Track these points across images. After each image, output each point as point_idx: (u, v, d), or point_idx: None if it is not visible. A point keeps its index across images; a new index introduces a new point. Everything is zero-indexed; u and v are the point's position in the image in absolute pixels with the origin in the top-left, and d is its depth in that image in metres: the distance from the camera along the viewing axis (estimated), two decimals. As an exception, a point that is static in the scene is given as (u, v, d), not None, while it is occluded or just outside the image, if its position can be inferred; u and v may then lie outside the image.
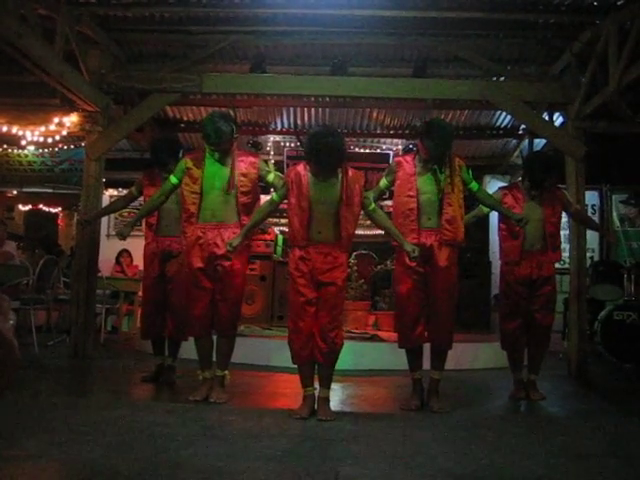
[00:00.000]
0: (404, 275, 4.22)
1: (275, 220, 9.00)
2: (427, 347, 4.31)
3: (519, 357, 4.87)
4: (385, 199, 8.88)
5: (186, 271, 4.28)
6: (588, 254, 7.66)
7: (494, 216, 5.15)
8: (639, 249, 9.34)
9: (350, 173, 3.92)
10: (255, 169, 4.30)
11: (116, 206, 5.66)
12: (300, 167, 3.96)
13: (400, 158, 4.51)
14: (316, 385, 3.88)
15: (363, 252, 8.45)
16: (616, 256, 9.13)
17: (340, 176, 3.89)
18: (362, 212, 4.07)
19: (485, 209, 4.79)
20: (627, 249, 9.35)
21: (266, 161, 4.67)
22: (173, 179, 4.34)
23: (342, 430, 3.53)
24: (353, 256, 8.05)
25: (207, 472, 2.60)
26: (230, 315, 4.25)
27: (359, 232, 8.89)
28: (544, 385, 5.04)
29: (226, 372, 4.25)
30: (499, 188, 5.14)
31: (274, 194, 4.07)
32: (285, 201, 4.03)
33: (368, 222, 9.22)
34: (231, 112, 5.33)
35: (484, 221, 6.68)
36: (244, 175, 4.25)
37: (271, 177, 4.32)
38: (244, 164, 4.28)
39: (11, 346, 4.41)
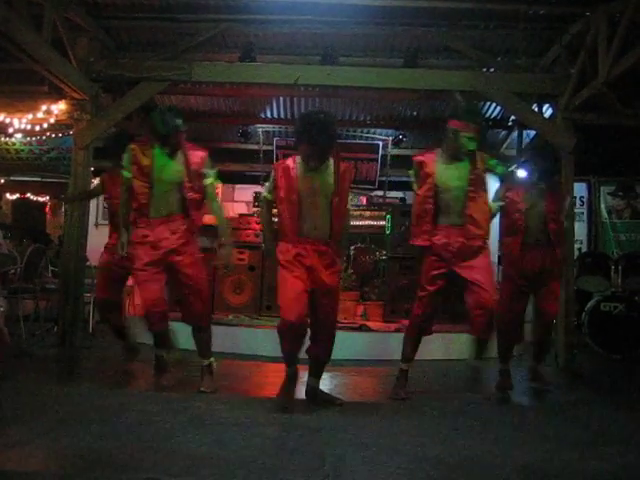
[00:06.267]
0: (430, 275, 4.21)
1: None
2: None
3: (511, 348, 4.87)
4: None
5: (134, 266, 4.17)
6: (576, 245, 7.70)
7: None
8: (626, 241, 9.40)
9: (342, 167, 3.84)
10: (202, 164, 4.19)
11: (97, 191, 5.69)
12: (289, 161, 3.86)
13: (421, 157, 4.36)
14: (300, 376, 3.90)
15: (362, 246, 8.39)
16: (604, 248, 9.19)
17: (332, 166, 3.82)
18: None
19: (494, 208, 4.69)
20: (614, 241, 9.40)
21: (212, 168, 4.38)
22: (126, 174, 4.19)
23: (330, 418, 3.54)
24: (352, 249, 8.04)
25: (195, 460, 2.60)
26: (201, 306, 4.19)
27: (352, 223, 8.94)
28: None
29: (212, 359, 4.25)
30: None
31: (266, 193, 3.95)
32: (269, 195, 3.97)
33: (356, 213, 9.26)
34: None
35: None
36: (193, 171, 4.15)
37: (208, 181, 4.19)
38: (194, 159, 4.17)
39: (0, 333, 4.41)
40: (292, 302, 3.66)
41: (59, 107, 7.53)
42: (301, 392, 4.03)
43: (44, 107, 7.60)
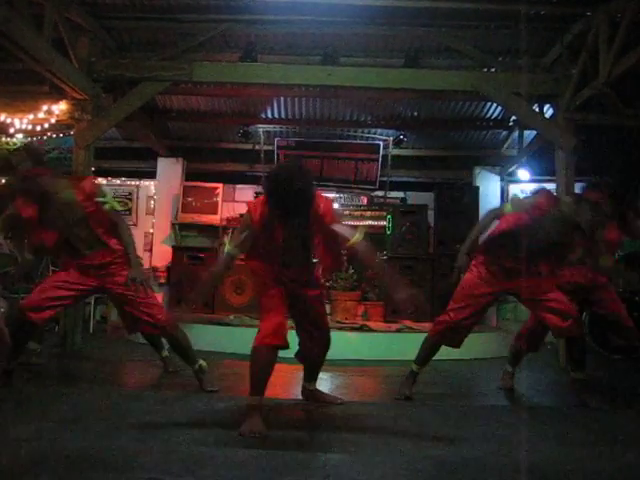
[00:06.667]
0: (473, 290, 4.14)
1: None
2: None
3: (523, 355, 4.81)
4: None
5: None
6: (577, 246, 7.67)
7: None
8: (627, 241, 9.35)
9: (320, 208, 3.32)
10: (93, 192, 4.02)
11: None
12: (264, 203, 3.31)
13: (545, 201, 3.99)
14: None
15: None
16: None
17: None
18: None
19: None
20: (616, 241, 9.37)
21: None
22: None
23: (330, 418, 3.54)
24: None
25: (194, 459, 2.60)
26: (159, 316, 4.11)
27: (352, 223, 8.95)
28: (534, 376, 5.08)
29: (200, 361, 4.23)
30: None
31: (232, 247, 3.39)
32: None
33: (356, 213, 9.22)
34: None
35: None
36: (84, 201, 3.97)
37: (107, 206, 4.01)
38: (82, 190, 4.00)
39: (1, 334, 4.40)
40: (272, 311, 3.37)
41: (60, 107, 7.52)
42: (298, 393, 4.03)
43: (45, 107, 7.59)
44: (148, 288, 4.10)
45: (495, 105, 8.24)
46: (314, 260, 3.68)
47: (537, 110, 7.00)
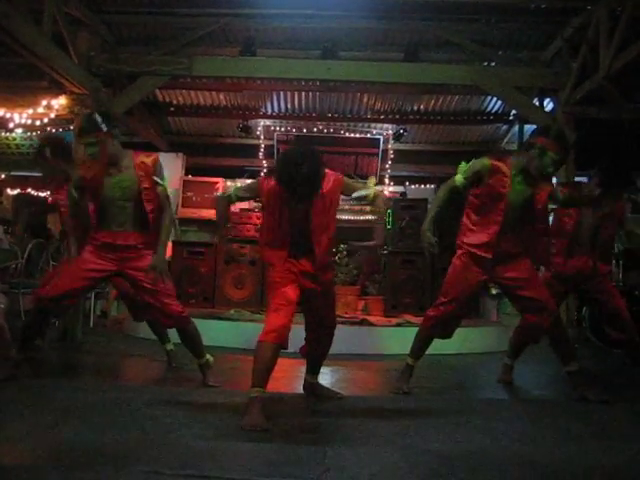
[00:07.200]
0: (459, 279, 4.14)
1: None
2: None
3: (525, 347, 4.82)
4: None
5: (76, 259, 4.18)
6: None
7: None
8: (624, 238, 9.35)
9: (330, 185, 3.41)
10: (151, 170, 4.00)
11: None
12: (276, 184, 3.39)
13: (499, 163, 3.98)
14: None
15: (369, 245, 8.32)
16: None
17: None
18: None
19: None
20: (615, 235, 9.35)
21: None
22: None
23: (331, 412, 3.54)
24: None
25: (193, 453, 2.61)
26: (175, 306, 4.10)
27: (348, 217, 8.96)
28: (533, 369, 5.08)
29: (207, 356, 4.23)
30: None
31: (234, 193, 3.61)
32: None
33: (356, 207, 9.22)
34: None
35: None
36: (142, 176, 3.98)
37: (160, 189, 4.02)
38: (141, 166, 4.00)
39: (1, 329, 4.40)
40: (279, 311, 3.41)
41: (59, 102, 7.52)
42: (299, 387, 4.03)
43: (44, 102, 7.58)
44: (167, 278, 4.09)
45: (495, 99, 8.24)
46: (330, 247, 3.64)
47: (537, 104, 6.99)
